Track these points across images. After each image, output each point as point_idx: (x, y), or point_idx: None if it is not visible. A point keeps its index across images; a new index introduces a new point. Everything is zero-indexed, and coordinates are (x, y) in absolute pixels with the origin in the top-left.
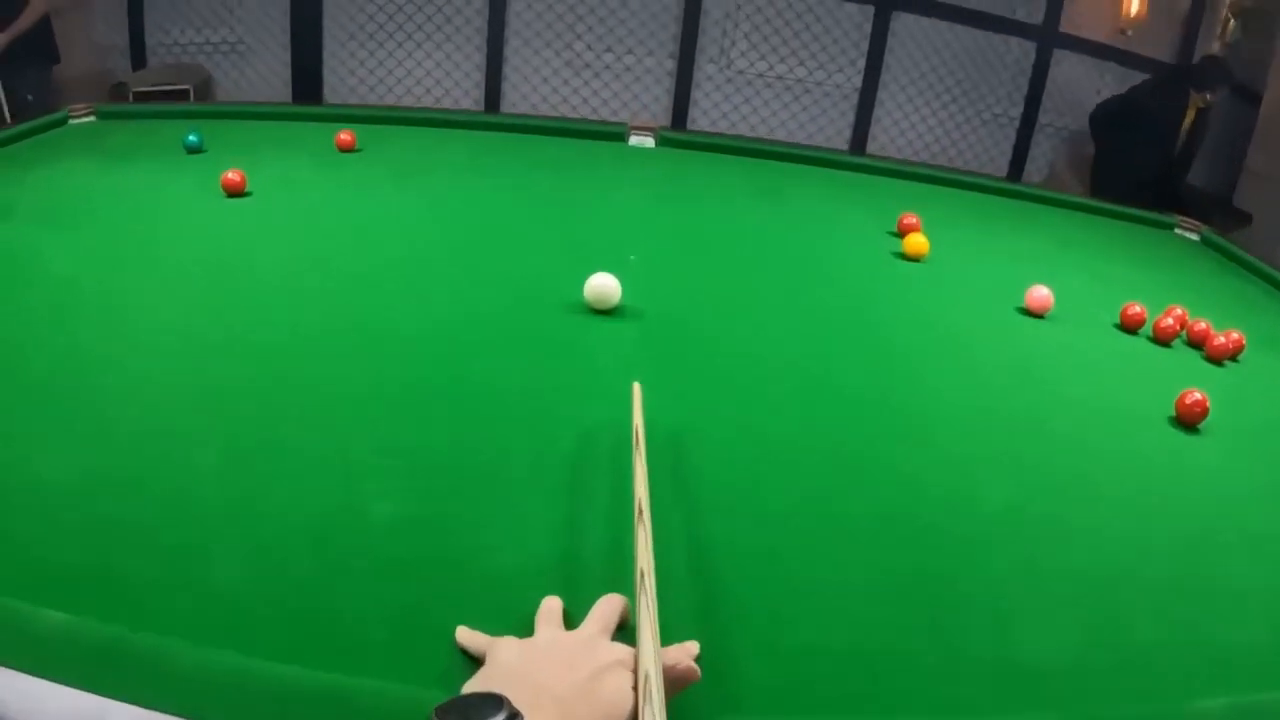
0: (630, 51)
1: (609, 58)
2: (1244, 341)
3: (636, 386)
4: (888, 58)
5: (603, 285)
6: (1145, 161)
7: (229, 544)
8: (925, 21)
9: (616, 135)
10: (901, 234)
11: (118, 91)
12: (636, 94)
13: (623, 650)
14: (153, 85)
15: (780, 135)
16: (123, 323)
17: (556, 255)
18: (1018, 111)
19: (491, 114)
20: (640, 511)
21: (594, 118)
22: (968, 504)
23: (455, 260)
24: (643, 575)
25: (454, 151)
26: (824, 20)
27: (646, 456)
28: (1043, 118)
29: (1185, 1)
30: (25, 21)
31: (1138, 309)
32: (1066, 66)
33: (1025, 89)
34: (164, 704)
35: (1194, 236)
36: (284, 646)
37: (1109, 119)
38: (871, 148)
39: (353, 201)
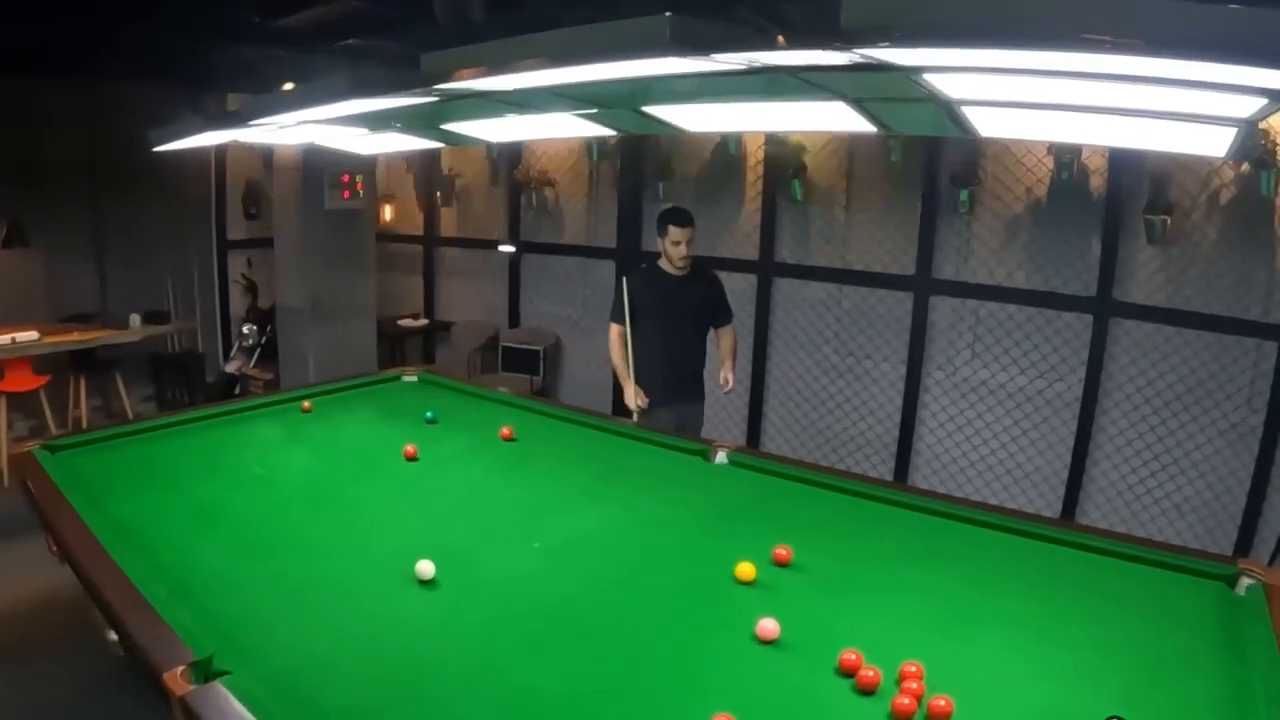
0: (869, 357)
1: (850, 361)
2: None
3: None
4: (1109, 365)
5: (424, 568)
6: None
7: None
8: (1148, 326)
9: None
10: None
11: (491, 343)
12: (873, 394)
13: None
14: (515, 342)
15: (1008, 445)
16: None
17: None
18: (1259, 420)
19: (612, 421)
20: None
21: (838, 412)
22: None
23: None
24: None
25: (578, 452)
26: (1043, 330)
27: None
28: None
29: None
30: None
31: (853, 657)
32: None
33: (1267, 394)
34: None
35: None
36: None
37: None
38: (1094, 455)
39: (471, 481)
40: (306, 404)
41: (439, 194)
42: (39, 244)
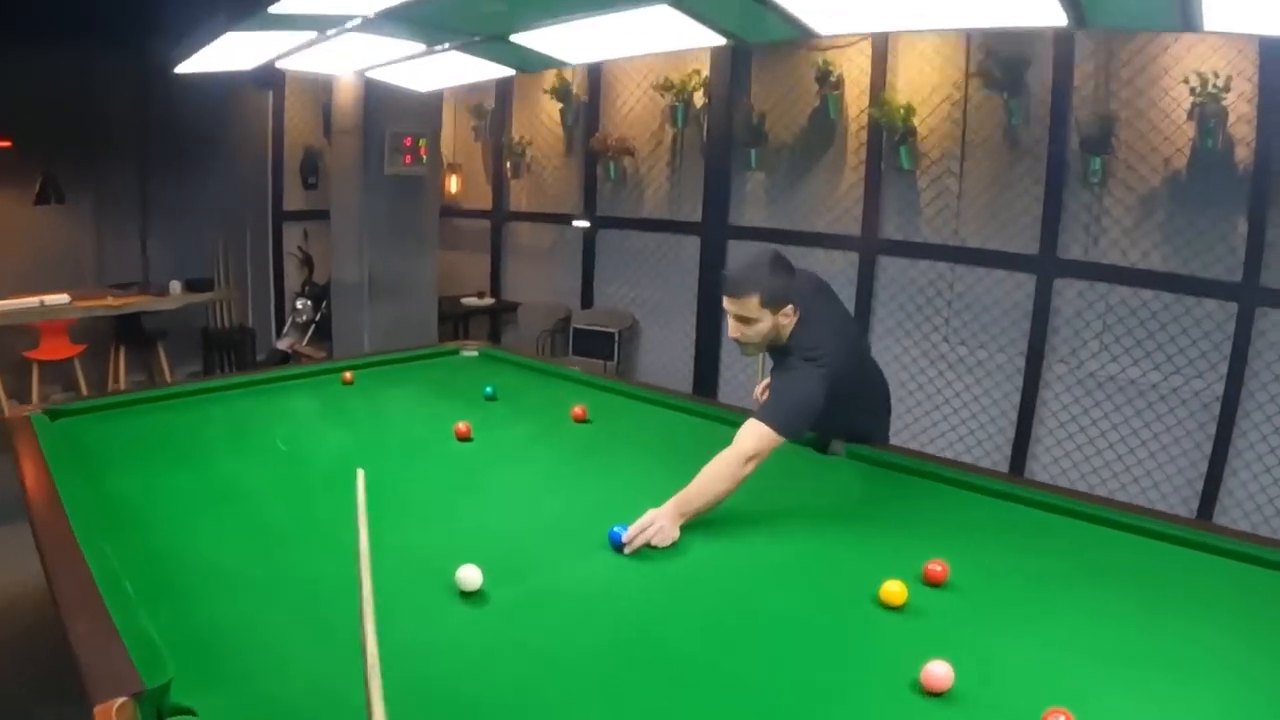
0: (983, 346)
1: (963, 350)
2: None
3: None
4: (1254, 361)
5: (467, 576)
6: None
7: None
8: None
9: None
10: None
11: (562, 325)
12: (987, 389)
13: None
14: (588, 324)
15: (1137, 450)
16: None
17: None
18: None
19: (701, 403)
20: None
21: (945, 408)
22: None
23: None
24: None
25: (662, 437)
26: (1181, 320)
27: None
28: None
29: None
30: None
31: None
32: None
33: None
34: None
35: None
36: None
37: None
38: (1234, 462)
39: (534, 469)
40: (348, 375)
41: (508, 165)
42: (82, 207)
